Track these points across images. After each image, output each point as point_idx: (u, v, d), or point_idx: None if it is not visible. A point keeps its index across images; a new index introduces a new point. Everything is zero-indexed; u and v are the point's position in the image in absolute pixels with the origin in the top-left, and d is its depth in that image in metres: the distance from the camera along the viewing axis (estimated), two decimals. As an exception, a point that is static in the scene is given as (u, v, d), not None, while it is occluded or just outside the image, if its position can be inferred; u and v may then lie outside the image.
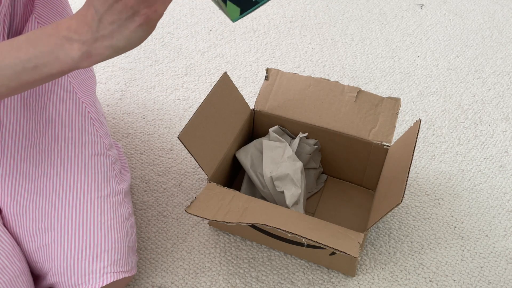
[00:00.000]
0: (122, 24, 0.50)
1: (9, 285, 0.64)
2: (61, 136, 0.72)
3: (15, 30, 0.72)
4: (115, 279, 0.68)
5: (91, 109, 0.76)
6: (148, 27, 0.51)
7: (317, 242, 0.68)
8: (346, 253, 0.67)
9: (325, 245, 0.68)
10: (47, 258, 0.68)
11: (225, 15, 0.52)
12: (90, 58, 0.53)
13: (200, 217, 0.72)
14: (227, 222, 0.71)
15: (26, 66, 0.53)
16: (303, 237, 0.68)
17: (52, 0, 0.78)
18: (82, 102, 0.75)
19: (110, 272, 0.68)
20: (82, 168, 0.71)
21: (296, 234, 0.69)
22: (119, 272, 0.69)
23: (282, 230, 0.69)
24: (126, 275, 0.70)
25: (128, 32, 0.51)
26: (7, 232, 0.68)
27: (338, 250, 0.67)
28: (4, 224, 0.70)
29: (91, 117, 0.76)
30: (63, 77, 0.74)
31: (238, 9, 0.53)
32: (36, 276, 0.72)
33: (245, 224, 0.72)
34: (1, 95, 0.55)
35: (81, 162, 0.72)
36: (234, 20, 0.53)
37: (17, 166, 0.70)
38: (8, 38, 0.71)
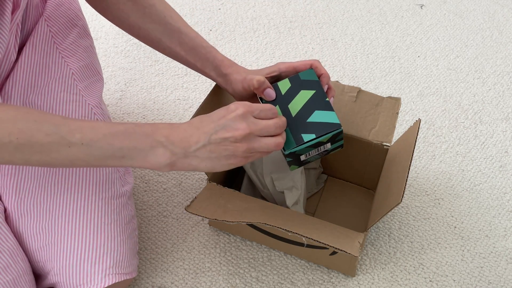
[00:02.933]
0: (218, 157, 0.57)
1: (13, 284, 0.64)
2: None
3: (25, 31, 0.73)
4: (117, 281, 0.68)
5: (97, 111, 0.76)
6: (235, 165, 0.59)
7: (317, 241, 0.68)
8: (346, 252, 0.67)
9: (325, 244, 0.68)
10: (49, 257, 0.68)
11: None
12: (172, 167, 0.58)
13: (200, 216, 0.73)
14: (227, 221, 0.71)
15: (115, 154, 0.57)
16: (304, 236, 0.68)
17: (63, 3, 0.79)
18: (88, 104, 0.75)
19: (111, 274, 0.68)
20: (87, 169, 0.71)
21: (296, 233, 0.69)
22: (120, 274, 0.69)
23: (283, 229, 0.69)
24: (127, 277, 0.70)
25: (217, 163, 0.58)
26: (11, 232, 0.68)
27: (339, 249, 0.67)
28: (7, 223, 0.70)
29: (97, 119, 0.77)
30: (68, 79, 0.75)
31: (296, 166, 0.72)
32: (38, 276, 0.72)
33: (245, 223, 0.72)
34: (74, 166, 0.58)
35: None
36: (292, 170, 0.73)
37: (22, 165, 0.70)
38: (20, 40, 0.71)
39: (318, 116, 0.66)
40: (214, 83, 0.80)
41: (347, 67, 1.23)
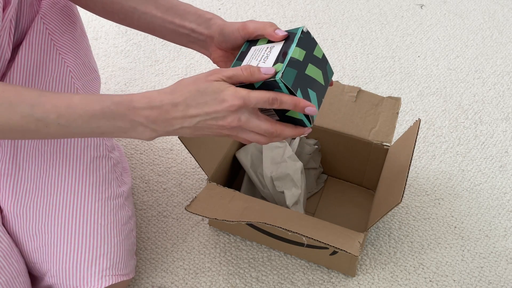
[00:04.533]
0: (201, 133, 0.57)
1: (6, 286, 0.63)
2: None
3: (21, 30, 0.72)
4: (113, 282, 0.68)
5: None
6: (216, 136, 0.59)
7: (317, 240, 0.68)
8: (346, 252, 0.67)
9: (325, 243, 0.68)
10: (45, 259, 0.68)
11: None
12: (155, 137, 0.58)
13: (200, 215, 0.72)
14: (227, 221, 0.71)
15: (95, 131, 0.56)
16: (304, 236, 0.68)
17: (59, 1, 0.78)
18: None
19: (108, 275, 0.68)
20: (83, 170, 0.71)
21: (296, 233, 0.69)
22: (117, 275, 0.69)
23: (283, 228, 0.69)
24: (124, 278, 0.70)
25: (199, 136, 0.58)
26: (6, 233, 0.68)
27: (339, 248, 0.67)
28: (3, 224, 0.70)
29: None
30: (66, 77, 0.75)
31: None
32: (34, 277, 0.71)
33: (245, 223, 0.72)
34: (55, 138, 0.59)
35: (83, 163, 0.72)
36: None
37: (18, 166, 0.70)
38: (14, 38, 0.71)
39: (313, 98, 0.60)
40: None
41: (347, 67, 1.23)
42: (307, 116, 0.59)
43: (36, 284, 0.71)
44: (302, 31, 0.61)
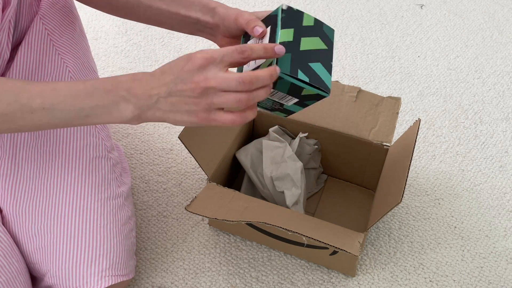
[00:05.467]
0: (180, 111, 0.55)
1: (7, 285, 0.63)
2: (62, 137, 0.72)
3: (20, 30, 0.72)
4: (113, 283, 0.68)
5: None
6: (198, 124, 0.57)
7: (317, 240, 0.68)
8: (347, 251, 0.67)
9: (325, 243, 0.68)
10: (45, 259, 0.68)
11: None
12: (139, 120, 0.57)
13: (200, 215, 0.72)
14: (227, 220, 0.71)
15: (79, 114, 0.56)
16: (304, 235, 0.68)
17: (58, 1, 0.78)
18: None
19: (107, 276, 0.68)
20: (82, 170, 0.71)
21: (296, 233, 0.69)
22: (116, 275, 0.69)
23: (283, 228, 0.69)
24: (124, 278, 0.70)
25: (179, 118, 0.56)
26: (6, 232, 0.68)
27: (339, 248, 0.67)
28: (3, 224, 0.70)
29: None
30: (65, 78, 0.74)
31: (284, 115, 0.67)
32: (34, 278, 0.71)
33: (245, 222, 0.72)
34: (43, 129, 0.59)
35: (82, 164, 0.72)
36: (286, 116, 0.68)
37: (18, 166, 0.70)
38: (13, 39, 0.71)
39: (318, 69, 0.60)
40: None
41: (347, 67, 1.23)
42: (319, 88, 0.59)
43: (35, 284, 0.71)
44: (282, 9, 0.60)
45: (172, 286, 0.81)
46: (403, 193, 0.67)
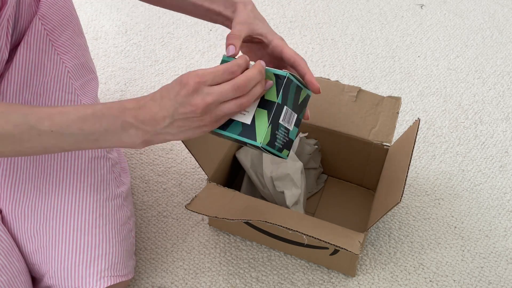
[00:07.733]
0: (189, 129, 0.57)
1: (7, 285, 0.63)
2: None
3: (19, 31, 0.72)
4: (112, 283, 0.68)
5: None
6: (210, 130, 0.58)
7: (317, 239, 0.68)
8: (347, 250, 0.67)
9: (326, 242, 0.68)
10: (44, 260, 0.68)
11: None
12: (149, 144, 0.58)
13: (200, 214, 0.72)
14: (227, 219, 0.71)
15: (88, 138, 0.56)
16: (304, 234, 0.68)
17: (57, 1, 0.78)
18: (84, 104, 0.75)
19: (107, 276, 0.68)
20: (81, 170, 0.71)
21: (297, 231, 0.69)
22: (116, 276, 0.69)
23: (283, 227, 0.69)
24: (123, 279, 0.70)
25: (191, 134, 0.57)
26: (7, 232, 0.68)
27: (339, 247, 0.67)
28: (3, 224, 0.70)
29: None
30: (64, 77, 0.74)
31: (287, 152, 0.64)
32: (33, 278, 0.71)
33: (245, 221, 0.72)
34: (48, 152, 0.59)
35: (81, 164, 0.72)
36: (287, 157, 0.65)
37: (17, 166, 0.70)
38: (12, 39, 0.71)
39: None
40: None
41: (347, 67, 1.23)
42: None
43: (35, 285, 0.71)
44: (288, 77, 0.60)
45: (172, 286, 0.81)
46: (403, 193, 0.67)
